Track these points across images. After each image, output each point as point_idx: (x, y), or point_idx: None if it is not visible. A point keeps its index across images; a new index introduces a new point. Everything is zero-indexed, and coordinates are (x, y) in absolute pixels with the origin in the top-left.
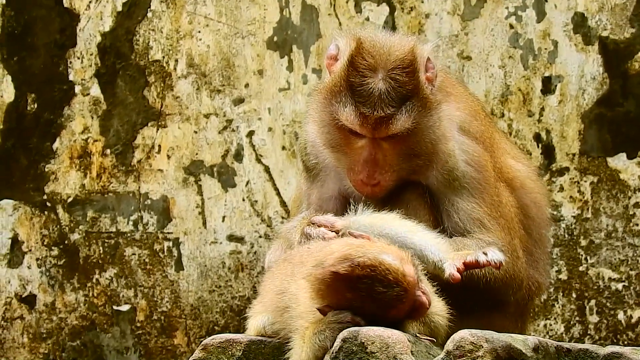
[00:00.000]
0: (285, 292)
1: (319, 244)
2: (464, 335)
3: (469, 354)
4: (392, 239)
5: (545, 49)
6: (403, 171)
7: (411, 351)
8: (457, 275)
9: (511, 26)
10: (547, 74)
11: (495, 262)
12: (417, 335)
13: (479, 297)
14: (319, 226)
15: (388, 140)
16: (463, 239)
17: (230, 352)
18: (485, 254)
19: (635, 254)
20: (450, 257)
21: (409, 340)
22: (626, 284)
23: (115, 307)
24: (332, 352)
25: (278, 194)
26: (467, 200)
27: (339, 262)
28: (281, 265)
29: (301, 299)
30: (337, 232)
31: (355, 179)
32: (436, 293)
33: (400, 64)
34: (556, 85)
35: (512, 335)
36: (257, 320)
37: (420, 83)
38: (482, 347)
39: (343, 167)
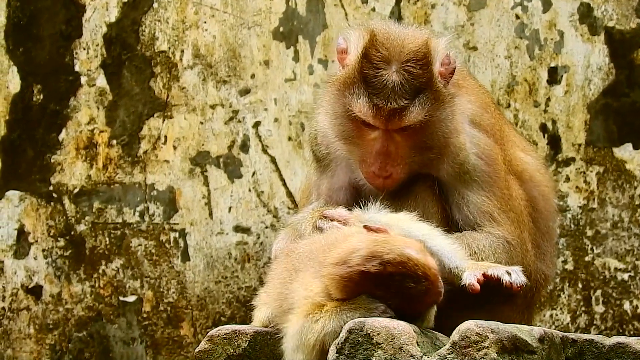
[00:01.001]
0: (288, 288)
1: (331, 238)
2: (470, 326)
3: (474, 345)
4: None
5: (551, 39)
6: (415, 164)
7: (417, 342)
8: (477, 286)
9: (517, 16)
10: (553, 65)
11: (517, 285)
12: None
13: (487, 290)
14: (331, 220)
15: (401, 133)
16: (473, 232)
17: (236, 343)
18: (509, 274)
19: None
20: (469, 266)
21: (414, 332)
22: (632, 274)
23: (121, 298)
24: (338, 343)
25: (284, 184)
26: (477, 193)
27: (367, 261)
28: (285, 259)
29: (309, 296)
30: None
31: (367, 171)
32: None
33: (414, 57)
34: (562, 76)
35: (518, 326)
36: (261, 312)
37: (434, 76)
38: (488, 337)
39: (355, 158)
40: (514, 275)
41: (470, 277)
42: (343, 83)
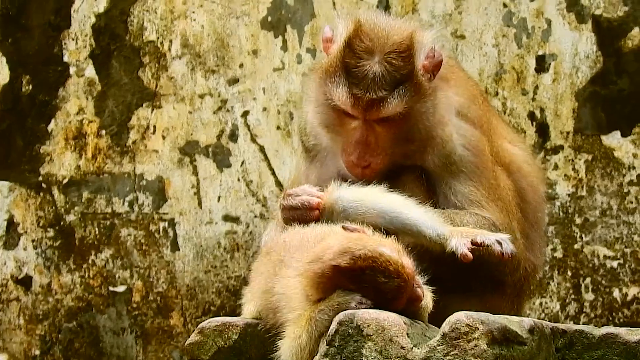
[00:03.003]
0: (271, 291)
1: (309, 236)
2: (460, 317)
3: (464, 336)
4: (384, 214)
5: (539, 27)
6: (396, 155)
7: (407, 333)
8: (470, 255)
9: (505, 5)
10: (540, 53)
11: (507, 255)
12: None
13: (475, 277)
14: (296, 196)
15: (380, 124)
16: (458, 211)
17: (226, 335)
18: (500, 243)
19: (629, 232)
20: (452, 232)
21: (404, 323)
22: (621, 261)
23: (111, 288)
24: (328, 335)
25: (273, 173)
26: (464, 183)
27: (339, 256)
28: (266, 256)
29: (291, 296)
30: (318, 206)
31: (347, 160)
32: (427, 274)
33: (397, 48)
34: (550, 64)
35: (508, 317)
36: (249, 308)
37: (416, 69)
38: (478, 329)
39: (337, 147)
40: (505, 245)
41: (461, 246)
42: (325, 71)
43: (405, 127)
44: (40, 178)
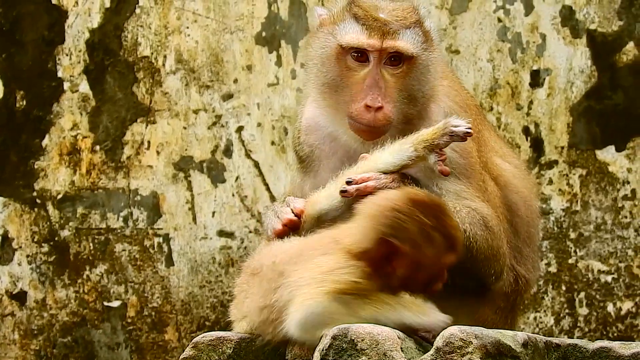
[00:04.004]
0: (272, 305)
1: (307, 247)
2: (454, 331)
3: (458, 350)
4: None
5: (534, 42)
6: (400, 114)
7: (401, 348)
8: (446, 169)
9: (499, 20)
10: (535, 67)
11: (466, 131)
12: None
13: (462, 281)
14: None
15: (391, 69)
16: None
17: (220, 350)
18: (453, 133)
19: (624, 246)
20: (418, 149)
21: (398, 337)
22: (615, 276)
23: (105, 303)
24: (322, 350)
25: (268, 189)
26: (454, 183)
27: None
28: (255, 279)
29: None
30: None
31: (358, 107)
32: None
33: (401, 7)
34: (544, 79)
35: (502, 331)
36: (242, 326)
37: (422, 19)
38: (472, 343)
39: (342, 111)
40: (459, 129)
41: (437, 161)
42: (332, 23)
43: (412, 77)
44: (35, 193)
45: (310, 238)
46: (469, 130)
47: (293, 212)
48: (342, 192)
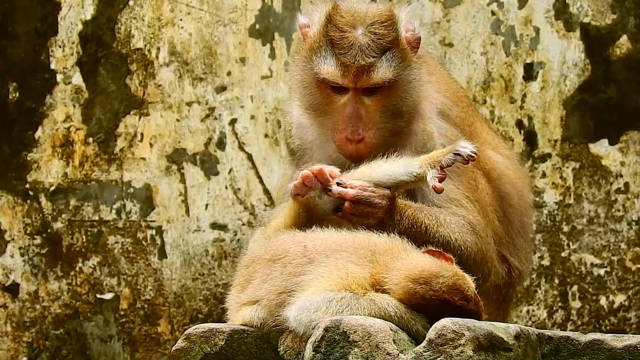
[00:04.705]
0: (292, 289)
1: (359, 239)
2: (446, 323)
3: (451, 342)
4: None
5: (527, 35)
6: (386, 131)
7: (393, 340)
8: (440, 186)
9: (493, 13)
10: (528, 61)
11: (471, 155)
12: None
13: None
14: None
15: (370, 96)
16: (441, 210)
17: (213, 342)
18: (459, 153)
19: (617, 240)
20: (423, 166)
21: (391, 329)
22: (608, 269)
23: (98, 296)
24: (315, 342)
25: (261, 181)
26: (445, 182)
27: (453, 292)
28: (276, 264)
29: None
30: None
31: (339, 138)
32: None
33: (379, 19)
34: (538, 72)
35: (494, 323)
36: (246, 312)
37: (400, 36)
38: (464, 335)
39: (327, 130)
40: (463, 151)
41: (432, 180)
42: (310, 49)
43: (393, 98)
44: (28, 185)
45: (348, 235)
46: (473, 155)
47: (311, 172)
48: (328, 190)
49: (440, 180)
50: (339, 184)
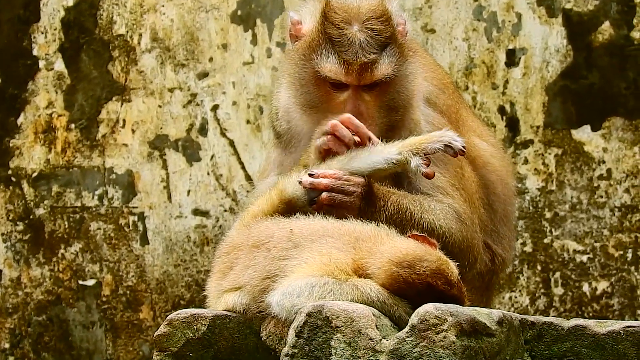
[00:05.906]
0: (275, 274)
1: (346, 226)
2: (429, 309)
3: (433, 328)
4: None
5: (509, 21)
6: (383, 126)
7: (376, 325)
8: (431, 171)
9: None
10: (511, 47)
11: (461, 149)
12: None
13: None
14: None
15: (369, 92)
16: (427, 197)
17: (195, 327)
18: (449, 146)
19: (599, 226)
20: (403, 153)
21: (373, 315)
22: (591, 256)
23: (80, 282)
24: (297, 327)
25: (243, 167)
26: (430, 168)
27: (436, 277)
28: (260, 249)
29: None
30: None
31: None
32: None
33: (373, 14)
34: (520, 58)
35: (477, 308)
36: (229, 298)
37: (396, 31)
38: (447, 320)
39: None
40: (455, 143)
41: (420, 166)
42: (308, 47)
43: (392, 92)
44: (10, 172)
45: (335, 222)
46: (464, 149)
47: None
48: (299, 181)
49: (426, 166)
50: (310, 175)
